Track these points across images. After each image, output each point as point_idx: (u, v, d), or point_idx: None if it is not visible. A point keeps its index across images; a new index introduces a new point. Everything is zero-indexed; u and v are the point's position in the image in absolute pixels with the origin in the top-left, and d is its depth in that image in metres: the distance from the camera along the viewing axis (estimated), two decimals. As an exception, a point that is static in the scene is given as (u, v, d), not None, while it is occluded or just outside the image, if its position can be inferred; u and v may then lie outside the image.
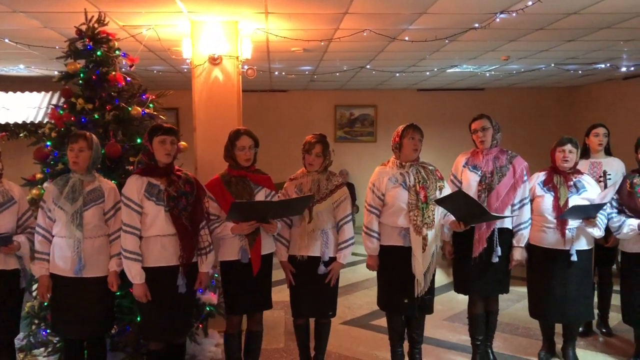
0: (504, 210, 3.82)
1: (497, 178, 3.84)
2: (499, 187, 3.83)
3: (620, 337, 4.69)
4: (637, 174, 3.98)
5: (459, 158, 4.05)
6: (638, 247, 3.89)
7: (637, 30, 5.40)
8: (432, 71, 7.99)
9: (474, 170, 3.92)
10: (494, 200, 3.81)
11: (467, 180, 3.92)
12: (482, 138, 3.90)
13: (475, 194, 3.84)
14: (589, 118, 9.24)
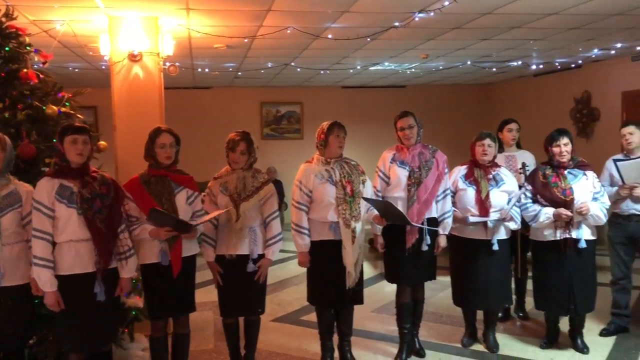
0: (431, 201, 3.98)
1: (425, 172, 3.99)
2: (426, 181, 3.97)
3: (535, 320, 4.96)
4: (548, 166, 4.22)
5: (385, 154, 4.14)
6: (548, 236, 4.13)
7: (545, 30, 5.73)
8: (355, 69, 8.13)
9: (402, 165, 4.03)
10: (423, 193, 3.95)
11: (396, 175, 4.02)
12: (409, 135, 4.02)
13: (405, 188, 3.97)
14: (503, 113, 9.71)
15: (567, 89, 9.00)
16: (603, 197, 4.13)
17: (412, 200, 3.94)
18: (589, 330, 4.53)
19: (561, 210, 4.00)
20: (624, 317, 4.62)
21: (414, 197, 3.93)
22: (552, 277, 4.15)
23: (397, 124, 4.08)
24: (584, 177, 4.13)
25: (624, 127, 4.49)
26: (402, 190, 3.97)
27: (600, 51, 7.21)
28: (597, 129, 8.48)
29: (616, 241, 4.51)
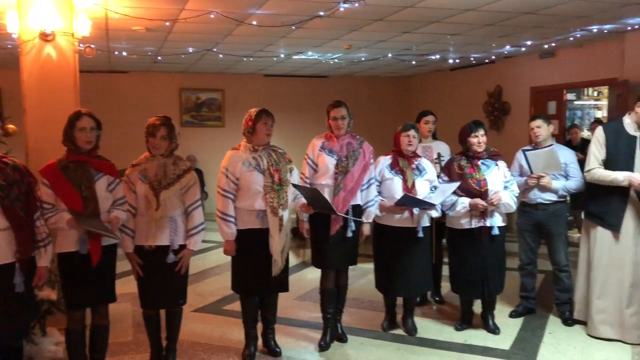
0: (357, 190, 4.07)
1: (352, 161, 4.06)
2: (353, 170, 4.05)
3: (450, 304, 5.18)
4: (463, 157, 4.41)
5: (315, 141, 4.19)
6: (464, 224, 4.32)
7: (462, 26, 5.95)
8: (278, 57, 8.09)
9: (331, 154, 4.09)
10: (350, 182, 4.03)
11: (324, 163, 4.07)
12: (340, 125, 4.10)
13: (332, 176, 4.04)
14: (421, 105, 9.98)
15: (481, 83, 9.41)
16: (513, 186, 4.37)
17: (338, 188, 4.01)
18: (499, 312, 4.79)
19: (477, 200, 4.20)
20: (531, 299, 4.91)
21: (340, 185, 4.00)
22: (468, 262, 4.35)
23: (330, 112, 4.14)
24: (495, 167, 4.35)
25: (532, 120, 4.75)
26: (329, 178, 4.04)
27: (512, 48, 7.58)
28: (508, 122, 8.94)
29: (524, 228, 4.78)
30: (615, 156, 4.07)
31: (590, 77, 7.46)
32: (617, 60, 6.74)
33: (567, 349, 4.17)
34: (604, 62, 7.08)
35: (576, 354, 4.08)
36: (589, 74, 7.42)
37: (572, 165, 4.62)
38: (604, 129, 4.21)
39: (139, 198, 3.53)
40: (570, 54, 7.67)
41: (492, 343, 4.31)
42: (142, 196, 3.51)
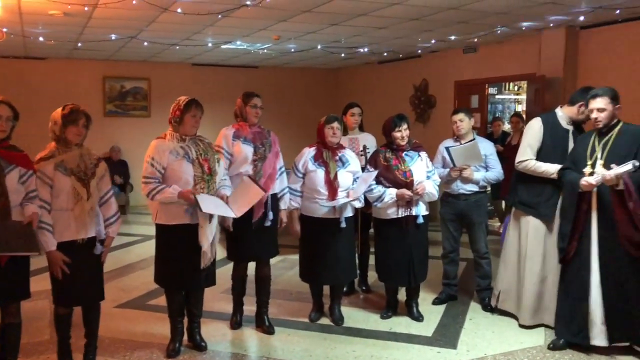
0: (275, 176, 4.19)
1: (267, 148, 4.15)
2: (270, 156, 4.15)
3: (376, 293, 5.28)
4: (388, 149, 4.49)
5: (225, 132, 4.18)
6: (391, 214, 4.41)
7: (388, 19, 6.04)
8: (206, 46, 7.92)
9: (247, 142, 4.12)
10: (268, 168, 4.11)
11: (241, 152, 4.08)
12: (259, 114, 4.19)
13: (251, 163, 4.08)
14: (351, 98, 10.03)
15: (408, 76, 9.61)
16: (434, 176, 4.52)
17: (259, 175, 4.06)
18: (423, 299, 4.93)
19: (404, 191, 4.30)
20: (453, 286, 5.09)
21: (261, 172, 4.08)
22: (395, 251, 4.45)
23: (251, 100, 4.18)
24: (419, 158, 4.47)
25: (455, 114, 4.89)
26: (248, 165, 4.08)
27: (437, 42, 7.77)
28: (434, 115, 9.19)
29: (447, 218, 4.93)
30: (550, 148, 4.18)
31: (510, 72, 7.77)
32: (535, 57, 7.06)
33: (485, 334, 4.34)
34: (523, 58, 7.39)
35: (494, 338, 4.25)
36: (509, 69, 7.73)
37: (491, 157, 4.80)
38: (543, 120, 4.27)
39: (60, 192, 3.32)
40: (491, 50, 7.96)
41: (415, 330, 4.42)
42: (67, 190, 3.31)
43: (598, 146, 3.81)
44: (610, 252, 3.74)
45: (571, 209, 3.83)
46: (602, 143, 3.79)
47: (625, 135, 3.73)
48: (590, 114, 3.80)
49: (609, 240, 3.72)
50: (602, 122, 3.75)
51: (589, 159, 3.80)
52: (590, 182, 3.65)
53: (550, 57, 6.80)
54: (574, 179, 3.78)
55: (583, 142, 3.92)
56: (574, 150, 4.00)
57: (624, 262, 3.70)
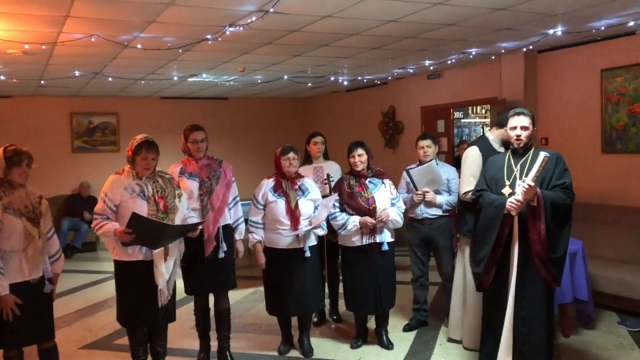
0: (224, 208, 4.15)
1: (215, 181, 4.12)
2: (217, 189, 4.11)
3: (348, 322, 5.24)
4: (352, 176, 4.51)
5: (173, 169, 4.16)
6: (356, 242, 4.41)
7: (350, 49, 6.12)
8: (172, 79, 7.94)
9: (192, 177, 4.11)
10: (216, 201, 4.08)
11: (187, 187, 4.06)
12: (201, 148, 4.16)
13: (198, 199, 4.07)
14: (321, 126, 10.18)
15: (376, 103, 9.72)
16: (399, 202, 4.53)
17: (206, 210, 4.04)
18: (393, 327, 4.91)
19: (367, 218, 4.31)
20: (424, 311, 5.08)
21: (207, 206, 4.05)
22: (361, 279, 4.44)
23: (190, 136, 4.15)
24: (382, 185, 4.50)
25: (421, 140, 4.94)
26: (195, 201, 4.05)
27: (401, 69, 7.90)
28: (402, 141, 9.27)
29: (413, 243, 4.95)
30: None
31: (474, 97, 7.91)
32: (496, 81, 7.21)
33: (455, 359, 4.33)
34: (485, 82, 7.54)
35: (463, 363, 4.25)
36: (473, 94, 7.87)
37: (453, 181, 4.85)
38: (479, 148, 4.23)
39: (12, 234, 3.26)
40: (455, 75, 8.11)
41: (385, 359, 4.39)
42: (18, 231, 3.26)
43: (516, 167, 3.64)
44: (527, 277, 3.55)
45: (491, 232, 3.58)
46: (520, 163, 3.63)
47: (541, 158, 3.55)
48: (512, 131, 3.63)
49: (528, 266, 3.54)
50: (523, 140, 3.62)
51: (507, 180, 3.64)
52: (518, 199, 3.44)
53: (510, 81, 6.96)
54: (497, 201, 3.57)
55: (496, 163, 3.76)
56: (487, 172, 3.78)
57: (537, 289, 3.56)
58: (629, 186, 5.94)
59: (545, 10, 4.69)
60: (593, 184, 6.26)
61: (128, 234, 3.41)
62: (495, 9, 4.62)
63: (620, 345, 4.49)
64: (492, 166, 3.79)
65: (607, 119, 6.15)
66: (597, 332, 4.77)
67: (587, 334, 4.74)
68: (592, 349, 4.43)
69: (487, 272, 3.64)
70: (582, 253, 4.67)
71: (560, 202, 3.46)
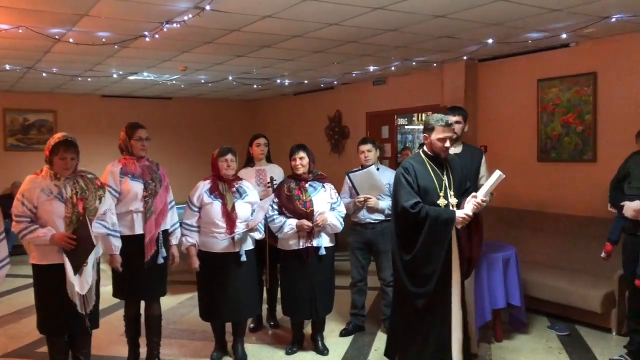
0: (166, 211, 4.06)
1: (158, 183, 4.03)
2: (161, 192, 4.02)
3: (285, 327, 5.14)
4: (293, 179, 4.45)
5: (112, 169, 4.00)
6: (293, 245, 4.35)
7: (293, 52, 6.07)
8: (112, 77, 7.69)
9: (136, 179, 3.97)
10: (159, 204, 3.98)
11: (130, 189, 3.93)
12: (146, 146, 4.05)
13: (141, 200, 3.95)
14: (268, 129, 10.11)
15: (322, 108, 9.71)
16: (339, 207, 4.49)
17: (150, 212, 3.93)
18: (330, 332, 4.87)
19: (303, 221, 4.26)
20: (361, 316, 5.06)
21: (152, 209, 3.94)
22: (297, 283, 4.38)
23: (135, 133, 4.02)
24: (322, 189, 4.46)
25: (363, 144, 4.93)
26: (138, 202, 3.94)
27: (346, 74, 7.91)
28: (348, 146, 9.29)
29: (355, 246, 4.93)
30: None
31: (417, 104, 8.00)
32: (439, 88, 7.30)
33: (388, 364, 4.32)
34: (428, 89, 7.63)
35: (397, 368, 4.23)
36: (416, 101, 7.95)
37: (395, 186, 4.85)
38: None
39: None
40: (399, 82, 8.19)
41: (319, 364, 4.35)
42: None
43: (444, 176, 3.61)
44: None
45: (440, 247, 3.42)
46: (446, 173, 3.62)
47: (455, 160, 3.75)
48: (441, 142, 3.53)
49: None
50: (448, 150, 3.61)
51: (440, 190, 3.55)
52: (468, 214, 3.41)
53: (452, 89, 7.06)
54: (443, 215, 3.42)
55: (423, 173, 3.57)
56: (416, 182, 3.54)
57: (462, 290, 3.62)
58: (562, 194, 6.12)
59: (482, 19, 4.77)
60: (529, 192, 6.41)
61: (71, 241, 3.26)
62: (435, 16, 4.67)
63: (548, 349, 4.59)
64: (420, 176, 3.57)
65: (543, 129, 6.32)
66: (529, 337, 4.87)
67: (519, 338, 4.83)
68: (523, 353, 4.51)
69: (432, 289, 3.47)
70: (516, 259, 4.76)
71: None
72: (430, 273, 3.42)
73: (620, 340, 4.63)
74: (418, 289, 3.46)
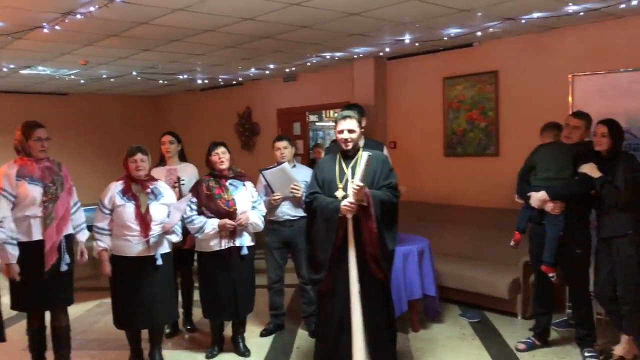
0: (69, 217, 3.87)
1: (59, 186, 3.81)
2: (63, 196, 3.82)
3: (203, 331, 5.02)
4: (211, 178, 4.32)
5: (7, 171, 3.74)
6: (214, 246, 4.22)
7: (204, 46, 5.90)
8: (1, 71, 7.09)
9: (34, 182, 3.73)
10: (61, 209, 3.78)
11: (28, 193, 3.68)
12: (46, 147, 3.83)
13: (40, 205, 3.71)
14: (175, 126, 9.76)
15: (231, 104, 9.54)
16: (260, 205, 4.42)
17: (50, 218, 3.71)
18: (251, 332, 4.80)
19: (226, 220, 4.15)
20: (281, 315, 5.03)
21: (52, 214, 3.72)
22: (219, 285, 4.26)
23: (33, 133, 3.77)
24: (243, 187, 4.36)
25: (278, 141, 4.88)
26: (37, 207, 3.70)
27: (257, 70, 7.81)
28: (258, 143, 9.20)
29: (273, 246, 4.88)
30: None
31: (328, 101, 8.06)
32: (349, 85, 7.40)
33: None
34: (339, 86, 7.71)
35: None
36: (327, 98, 8.01)
37: (311, 182, 4.84)
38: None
39: None
40: (309, 79, 8.21)
41: (242, 366, 4.27)
42: None
43: (347, 169, 3.68)
44: (365, 279, 3.54)
45: (328, 236, 3.56)
46: (351, 166, 3.67)
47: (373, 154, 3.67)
48: (340, 134, 3.67)
49: (364, 267, 3.54)
50: (352, 143, 3.66)
51: (340, 182, 3.67)
52: (351, 201, 3.46)
53: (362, 86, 7.18)
54: (331, 204, 3.57)
55: (328, 166, 3.77)
56: (319, 175, 3.78)
57: (375, 288, 3.61)
58: (467, 187, 6.41)
59: (394, 18, 4.88)
60: (438, 185, 6.67)
61: None
62: (349, 14, 4.70)
63: (462, 336, 4.80)
64: (324, 169, 3.79)
65: (449, 125, 6.58)
66: (443, 325, 5.06)
67: (435, 328, 5.01)
68: (439, 342, 4.68)
69: (327, 276, 3.60)
70: (429, 251, 4.93)
71: (389, 200, 3.60)
72: (324, 260, 3.60)
73: (526, 324, 4.94)
74: (314, 275, 3.71)
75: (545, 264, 4.18)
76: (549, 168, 4.20)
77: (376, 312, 3.61)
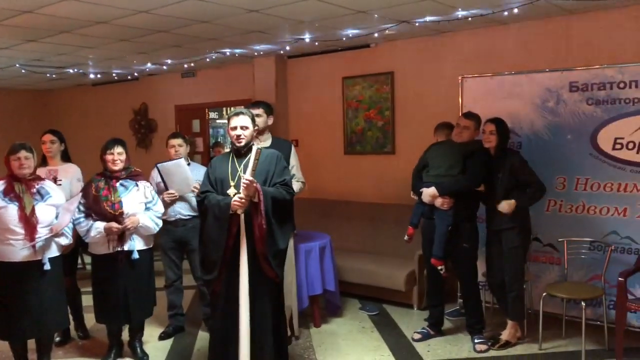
0: None
1: None
2: None
3: (98, 337, 4.77)
4: (102, 178, 4.09)
5: None
6: (103, 250, 4.03)
7: (96, 39, 5.62)
8: None
9: None
10: None
11: None
12: None
13: None
14: (65, 122, 9.29)
15: (126, 100, 9.17)
16: (156, 206, 4.22)
17: None
18: (150, 336, 4.65)
19: (112, 224, 3.95)
20: (180, 316, 4.90)
21: None
22: (109, 289, 4.07)
23: None
24: (135, 187, 4.14)
25: (172, 138, 4.75)
26: None
27: (153, 65, 7.55)
28: (155, 140, 8.91)
29: (167, 247, 4.73)
30: None
31: (229, 98, 7.95)
32: (250, 83, 7.35)
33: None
34: (240, 83, 7.65)
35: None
36: (227, 94, 7.91)
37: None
38: None
39: None
40: (209, 75, 8.06)
41: (139, 372, 4.11)
42: None
43: (239, 167, 3.64)
44: (256, 280, 3.52)
45: (220, 234, 3.50)
46: (243, 164, 3.63)
47: (262, 156, 3.66)
48: (233, 131, 3.61)
49: (256, 265, 3.51)
50: (244, 140, 3.62)
51: (232, 180, 3.61)
52: (241, 196, 3.43)
53: (263, 84, 7.16)
54: (222, 201, 3.52)
55: (220, 165, 3.71)
56: (212, 173, 3.71)
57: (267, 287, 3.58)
58: (366, 184, 6.60)
59: (293, 16, 4.91)
60: (337, 183, 6.80)
61: None
62: (249, 10, 4.67)
63: (362, 329, 4.93)
64: (216, 167, 3.72)
65: (348, 123, 6.74)
66: (344, 319, 5.17)
67: (335, 322, 5.10)
68: (340, 336, 4.77)
69: (219, 276, 3.54)
70: (330, 246, 5.01)
71: (281, 197, 3.57)
72: (216, 260, 3.53)
73: (422, 315, 5.16)
74: (207, 276, 3.62)
75: (434, 257, 4.39)
76: (440, 165, 4.41)
77: (266, 313, 3.56)
